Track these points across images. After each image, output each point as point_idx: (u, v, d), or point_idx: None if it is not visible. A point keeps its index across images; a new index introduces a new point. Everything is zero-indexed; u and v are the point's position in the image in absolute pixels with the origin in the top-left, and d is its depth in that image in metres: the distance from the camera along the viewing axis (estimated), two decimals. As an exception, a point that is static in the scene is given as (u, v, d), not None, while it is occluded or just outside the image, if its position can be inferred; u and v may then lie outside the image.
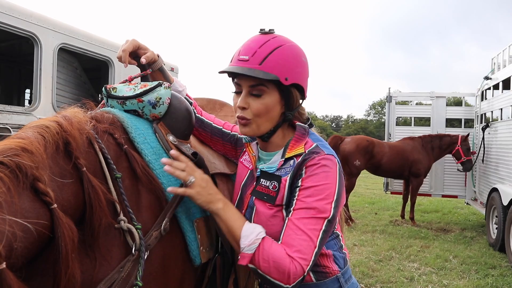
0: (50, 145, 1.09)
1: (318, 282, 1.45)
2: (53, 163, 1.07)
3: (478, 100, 8.64)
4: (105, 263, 1.17)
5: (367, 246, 6.55)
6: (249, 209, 1.49)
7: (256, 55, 1.37)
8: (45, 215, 0.96)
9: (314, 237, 1.29)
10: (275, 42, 1.40)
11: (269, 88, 1.40)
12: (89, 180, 1.11)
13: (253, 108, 1.42)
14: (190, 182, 1.35)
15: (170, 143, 1.50)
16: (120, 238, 1.21)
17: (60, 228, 0.96)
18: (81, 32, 5.50)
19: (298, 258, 1.27)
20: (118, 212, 1.21)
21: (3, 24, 4.43)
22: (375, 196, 13.10)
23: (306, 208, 1.32)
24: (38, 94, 4.84)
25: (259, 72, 1.35)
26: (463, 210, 10.54)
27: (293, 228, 1.31)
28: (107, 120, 1.38)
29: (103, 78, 6.25)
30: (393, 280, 4.98)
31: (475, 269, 5.50)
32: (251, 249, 1.30)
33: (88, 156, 1.20)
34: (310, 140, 1.46)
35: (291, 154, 1.43)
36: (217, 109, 2.41)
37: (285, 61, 1.39)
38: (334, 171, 1.36)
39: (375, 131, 58.16)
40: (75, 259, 0.99)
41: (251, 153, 1.60)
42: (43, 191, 0.96)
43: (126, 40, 1.64)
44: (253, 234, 1.32)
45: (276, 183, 1.42)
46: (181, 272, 1.43)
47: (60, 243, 0.95)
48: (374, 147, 8.36)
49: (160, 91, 1.50)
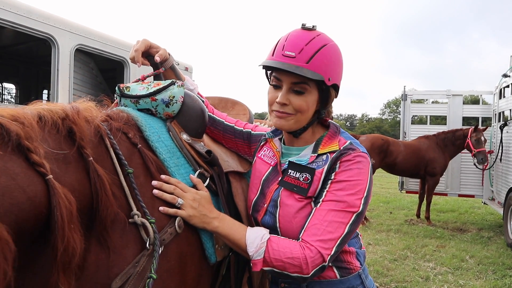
0: (49, 124, 1.08)
1: (342, 278, 1.46)
2: (52, 140, 1.06)
3: (496, 98, 8.48)
4: (121, 258, 1.18)
5: (381, 245, 6.50)
6: (272, 202, 1.49)
7: (303, 52, 1.37)
8: (40, 185, 0.93)
9: (340, 229, 1.31)
10: (320, 40, 1.40)
11: (311, 86, 1.41)
12: (95, 169, 1.12)
13: (294, 104, 1.43)
14: (178, 204, 1.34)
15: (184, 141, 1.51)
16: (135, 233, 1.23)
17: (56, 197, 0.94)
18: (96, 33, 5.59)
19: (318, 246, 1.29)
20: (131, 207, 1.23)
21: (22, 26, 4.53)
22: (390, 195, 12.97)
23: (336, 200, 1.33)
24: (55, 94, 4.93)
25: (307, 71, 1.36)
26: (480, 210, 10.37)
27: (319, 218, 1.33)
28: (122, 119, 1.40)
29: (119, 78, 6.34)
30: (408, 280, 4.94)
31: (492, 269, 5.41)
32: (260, 254, 1.32)
33: (98, 150, 1.21)
34: (342, 138, 1.47)
35: (325, 150, 1.44)
36: (229, 108, 2.42)
37: (330, 61, 1.40)
38: (367, 168, 1.38)
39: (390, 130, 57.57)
40: (73, 230, 0.98)
41: (274, 149, 1.60)
42: (37, 162, 0.94)
43: (137, 40, 1.65)
44: (258, 239, 1.34)
45: (308, 175, 1.42)
46: (198, 270, 1.44)
47: (56, 213, 0.94)
48: (389, 146, 8.29)
49: (174, 89, 1.51)
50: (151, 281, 1.17)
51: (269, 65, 1.41)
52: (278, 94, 1.44)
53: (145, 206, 1.26)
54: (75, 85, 5.43)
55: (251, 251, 1.33)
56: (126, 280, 1.16)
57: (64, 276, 0.97)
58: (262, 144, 1.69)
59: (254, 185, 1.61)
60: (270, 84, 1.49)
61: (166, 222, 1.32)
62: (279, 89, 1.45)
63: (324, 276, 1.45)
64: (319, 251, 1.28)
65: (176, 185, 1.37)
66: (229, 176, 1.69)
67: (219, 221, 1.39)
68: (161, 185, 1.34)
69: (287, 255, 1.29)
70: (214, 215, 1.40)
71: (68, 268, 0.97)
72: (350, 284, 1.47)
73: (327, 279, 1.46)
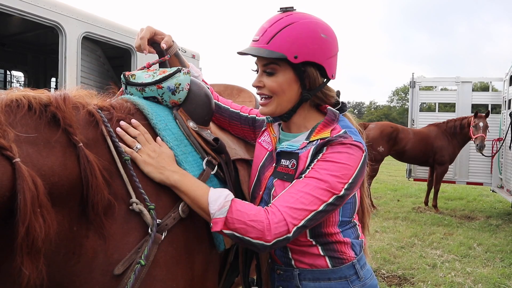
0: (24, 109, 1.08)
1: (334, 268, 1.44)
2: (28, 125, 1.06)
3: (506, 85, 8.36)
4: (121, 244, 1.19)
5: (389, 233, 6.51)
6: (267, 190, 1.48)
7: (265, 34, 1.39)
8: (3, 168, 0.94)
9: (315, 205, 1.26)
10: (288, 19, 1.39)
11: (281, 66, 1.40)
12: (86, 155, 1.12)
13: (267, 85, 1.43)
14: (136, 148, 1.32)
15: (191, 129, 1.51)
16: (137, 220, 1.24)
17: (19, 180, 0.93)
18: (104, 21, 5.58)
19: (285, 213, 1.24)
20: (130, 194, 1.24)
21: (29, 14, 4.54)
22: (398, 183, 12.94)
23: (318, 178, 1.29)
24: (63, 82, 4.95)
25: (263, 51, 1.36)
26: (488, 197, 10.31)
27: (296, 188, 1.29)
28: (125, 109, 1.40)
29: (126, 66, 6.34)
30: (415, 267, 4.95)
31: (500, 257, 5.40)
32: (223, 212, 1.25)
33: (92, 136, 1.21)
34: (338, 126, 1.42)
35: (316, 137, 1.41)
36: (234, 95, 2.40)
37: (296, 38, 1.36)
38: (358, 157, 1.33)
39: (398, 118, 57.10)
40: (39, 213, 0.97)
41: (272, 134, 1.59)
42: (3, 145, 0.95)
43: (141, 28, 1.64)
44: (221, 198, 1.29)
45: (294, 161, 1.40)
46: (206, 258, 1.44)
47: (19, 196, 0.93)
48: (398, 133, 8.24)
49: (180, 77, 1.50)
50: (138, 267, 1.17)
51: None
52: None
53: (148, 193, 1.27)
54: (83, 72, 5.45)
55: (213, 209, 1.26)
56: (129, 266, 1.18)
57: (29, 260, 0.96)
58: (264, 130, 1.68)
59: (253, 171, 1.61)
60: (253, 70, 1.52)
61: (170, 208, 1.33)
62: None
63: (316, 265, 1.44)
64: (285, 218, 1.22)
65: (143, 134, 1.36)
66: (236, 164, 1.68)
67: (179, 175, 1.33)
68: (127, 128, 1.34)
69: (251, 217, 1.23)
70: (174, 169, 1.34)
71: (32, 252, 0.96)
72: (342, 273, 1.44)
73: (319, 268, 1.44)
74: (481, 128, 7.70)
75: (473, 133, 7.78)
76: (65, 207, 1.10)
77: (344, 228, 1.47)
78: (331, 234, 1.44)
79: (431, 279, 4.57)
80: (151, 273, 1.22)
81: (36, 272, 0.98)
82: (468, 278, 4.66)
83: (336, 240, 1.45)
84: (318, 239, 1.43)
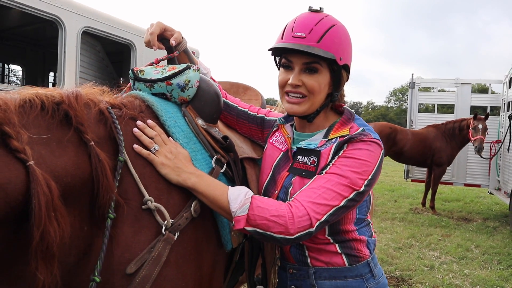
0: (37, 108, 1.06)
1: (351, 266, 1.45)
2: (41, 125, 1.05)
3: (505, 87, 8.38)
4: (133, 244, 1.18)
5: (386, 234, 6.51)
6: (283, 189, 1.47)
7: (313, 32, 1.37)
8: (16, 172, 0.92)
9: (337, 200, 1.28)
10: (329, 21, 1.41)
11: (323, 66, 1.41)
12: (97, 154, 1.10)
13: (307, 85, 1.41)
14: (153, 149, 1.30)
15: (200, 127, 1.50)
16: (149, 219, 1.22)
17: (33, 184, 0.92)
18: (104, 16, 5.53)
19: (309, 208, 1.25)
20: (143, 193, 1.22)
21: (28, 7, 4.49)
22: (395, 183, 12.96)
23: (339, 174, 1.31)
24: (62, 77, 4.91)
25: (318, 49, 1.35)
26: (485, 199, 10.35)
27: (318, 183, 1.30)
28: (136, 107, 1.38)
29: (125, 61, 6.30)
30: (412, 268, 4.95)
31: (497, 259, 5.41)
32: (244, 210, 1.25)
33: (103, 135, 1.20)
34: (355, 124, 1.45)
35: (335, 135, 1.42)
36: (240, 93, 2.39)
37: (340, 40, 1.40)
38: (377, 154, 1.36)
39: (396, 118, 57.37)
40: (54, 218, 0.95)
41: (286, 135, 1.59)
42: (18, 148, 0.93)
43: (150, 23, 1.62)
44: (241, 195, 1.29)
45: (315, 158, 1.41)
46: (214, 257, 1.44)
47: (33, 200, 0.91)
48: (396, 134, 8.25)
49: (189, 73, 1.48)
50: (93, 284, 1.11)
51: (280, 47, 1.40)
52: (290, 76, 1.43)
53: (160, 191, 1.26)
54: (82, 67, 5.40)
55: (234, 208, 1.26)
56: (141, 265, 1.16)
57: (43, 265, 0.94)
58: (274, 130, 1.68)
59: (265, 170, 1.60)
60: (281, 66, 1.48)
61: (181, 207, 1.31)
62: (290, 71, 1.44)
63: (332, 263, 1.45)
64: (308, 213, 1.24)
65: (160, 135, 1.35)
66: (244, 163, 1.68)
67: (196, 177, 1.32)
68: (144, 128, 1.33)
69: (272, 212, 1.24)
70: (191, 170, 1.33)
71: (48, 257, 0.95)
72: (358, 272, 1.46)
73: (335, 266, 1.45)
74: (480, 130, 7.71)
75: (472, 135, 7.79)
76: (76, 208, 1.08)
77: (359, 226, 1.49)
78: (348, 232, 1.45)
79: (429, 281, 4.58)
80: (161, 272, 1.20)
81: (51, 277, 0.96)
82: (466, 280, 4.67)
83: (352, 238, 1.46)
84: (335, 236, 1.44)
